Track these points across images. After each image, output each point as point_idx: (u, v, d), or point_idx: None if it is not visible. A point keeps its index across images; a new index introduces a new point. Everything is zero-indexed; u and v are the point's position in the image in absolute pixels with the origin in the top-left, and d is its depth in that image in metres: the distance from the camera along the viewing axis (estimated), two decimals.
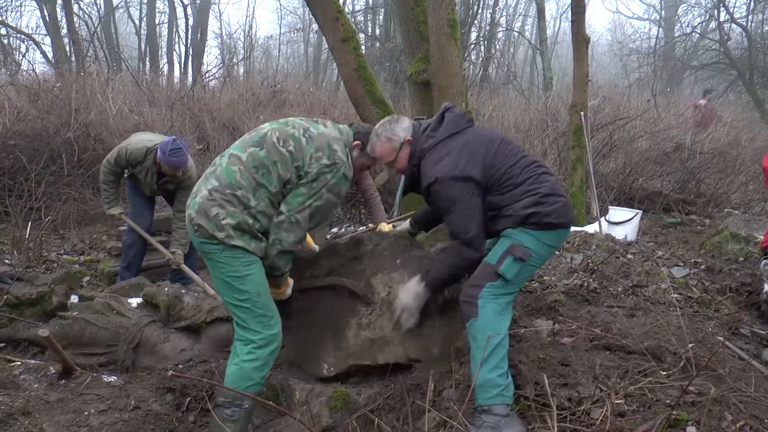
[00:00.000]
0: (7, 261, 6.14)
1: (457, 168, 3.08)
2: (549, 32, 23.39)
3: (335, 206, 3.32)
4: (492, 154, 3.15)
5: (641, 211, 7.29)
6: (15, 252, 6.42)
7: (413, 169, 3.25)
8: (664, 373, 3.45)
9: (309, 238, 3.77)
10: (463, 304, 3.09)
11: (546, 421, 2.91)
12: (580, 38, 7.89)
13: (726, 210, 9.42)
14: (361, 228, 6.82)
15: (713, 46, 21.47)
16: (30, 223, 6.78)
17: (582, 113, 7.52)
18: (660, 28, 28.04)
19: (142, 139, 5.42)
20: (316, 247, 3.85)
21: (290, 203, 3.14)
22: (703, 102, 13.56)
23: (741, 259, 5.20)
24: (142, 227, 5.62)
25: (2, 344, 4.30)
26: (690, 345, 3.54)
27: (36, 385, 3.62)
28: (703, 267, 4.99)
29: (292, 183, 3.14)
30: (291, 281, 3.60)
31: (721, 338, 3.86)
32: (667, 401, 3.22)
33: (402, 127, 3.28)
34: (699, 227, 8.05)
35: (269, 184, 3.09)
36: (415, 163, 3.24)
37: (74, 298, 4.87)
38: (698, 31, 22.98)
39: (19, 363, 3.90)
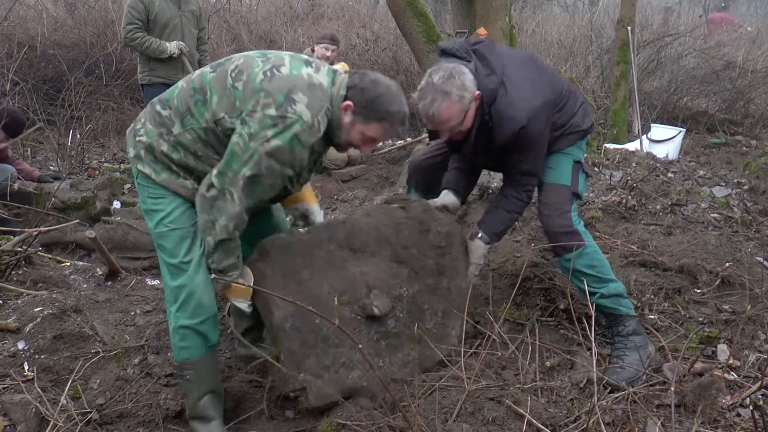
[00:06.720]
0: (52, 167, 6.32)
1: (536, 96, 2.71)
2: None
3: (286, 180, 2.43)
4: (543, 69, 2.90)
5: (684, 130, 7.08)
6: (59, 159, 6.59)
7: (484, 118, 2.69)
8: (699, 291, 3.45)
9: (307, 190, 2.87)
10: (564, 236, 2.83)
11: (576, 333, 2.95)
12: None
13: None
14: (399, 141, 6.77)
15: None
16: (71, 132, 6.90)
17: (629, 28, 7.23)
18: None
19: None
20: (315, 207, 2.92)
21: (223, 171, 2.34)
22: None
23: None
24: None
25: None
26: (727, 264, 3.53)
27: (85, 285, 3.79)
28: (746, 187, 4.87)
29: (223, 126, 2.36)
30: (248, 284, 2.53)
31: (760, 258, 3.82)
32: (700, 319, 3.24)
33: (470, 80, 2.61)
34: (744, 148, 7.80)
35: (200, 115, 2.40)
36: (486, 111, 2.67)
37: (116, 204, 5.02)
38: None
39: (68, 264, 4.07)
